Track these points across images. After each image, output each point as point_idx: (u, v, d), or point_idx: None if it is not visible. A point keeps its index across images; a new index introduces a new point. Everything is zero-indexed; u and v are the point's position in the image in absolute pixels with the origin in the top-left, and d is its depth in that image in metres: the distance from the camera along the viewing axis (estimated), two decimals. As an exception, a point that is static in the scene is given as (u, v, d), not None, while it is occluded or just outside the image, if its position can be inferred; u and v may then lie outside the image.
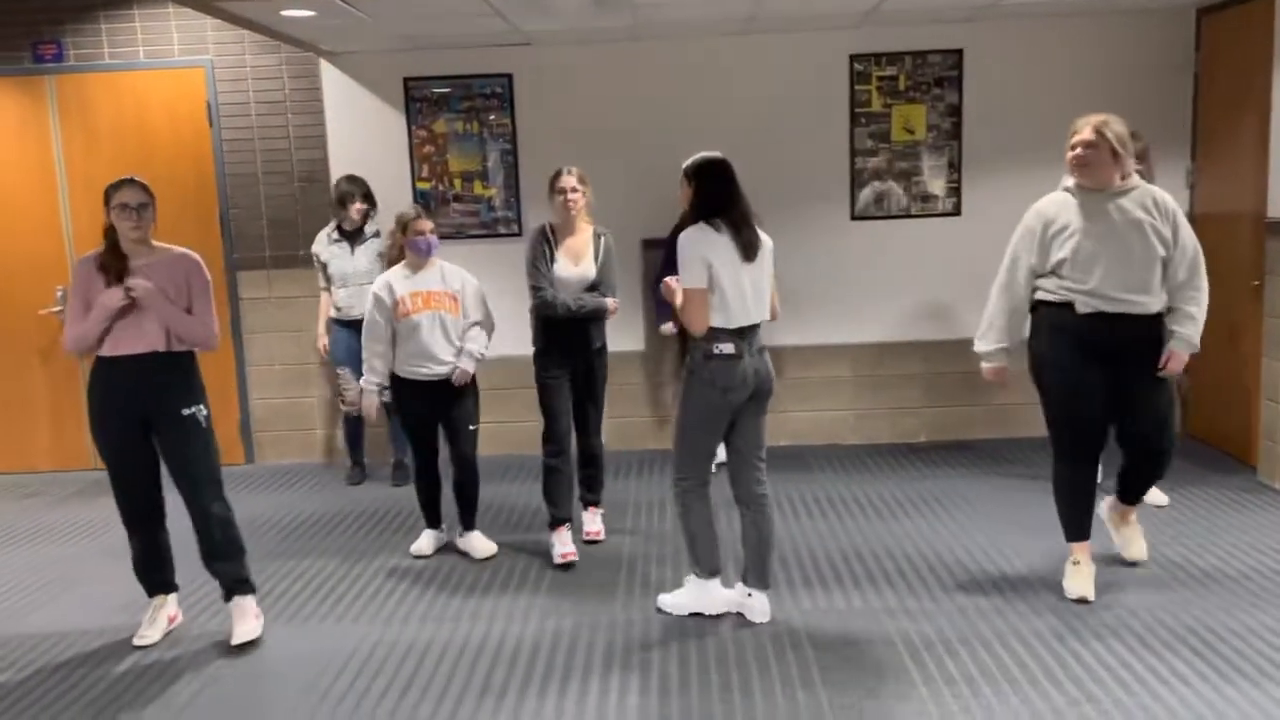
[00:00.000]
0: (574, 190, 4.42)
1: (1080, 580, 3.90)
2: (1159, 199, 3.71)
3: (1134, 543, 4.20)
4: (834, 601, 3.97)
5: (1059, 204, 3.78)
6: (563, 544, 4.53)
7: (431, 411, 4.53)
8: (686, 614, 3.87)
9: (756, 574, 3.82)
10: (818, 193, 6.20)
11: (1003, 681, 3.27)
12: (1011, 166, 6.15)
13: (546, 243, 4.45)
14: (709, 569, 3.88)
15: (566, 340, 4.49)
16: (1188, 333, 3.73)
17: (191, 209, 6.19)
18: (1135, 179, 3.74)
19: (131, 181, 3.63)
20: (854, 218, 6.24)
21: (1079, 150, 3.67)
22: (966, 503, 5.12)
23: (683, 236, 3.63)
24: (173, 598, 3.96)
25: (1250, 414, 5.41)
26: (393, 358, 4.48)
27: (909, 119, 6.15)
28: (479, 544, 4.65)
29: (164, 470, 3.77)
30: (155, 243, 3.72)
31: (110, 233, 3.65)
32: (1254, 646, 3.44)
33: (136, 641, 3.82)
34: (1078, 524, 3.94)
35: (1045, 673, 3.31)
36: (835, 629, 3.72)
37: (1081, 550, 3.94)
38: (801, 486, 5.50)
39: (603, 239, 4.52)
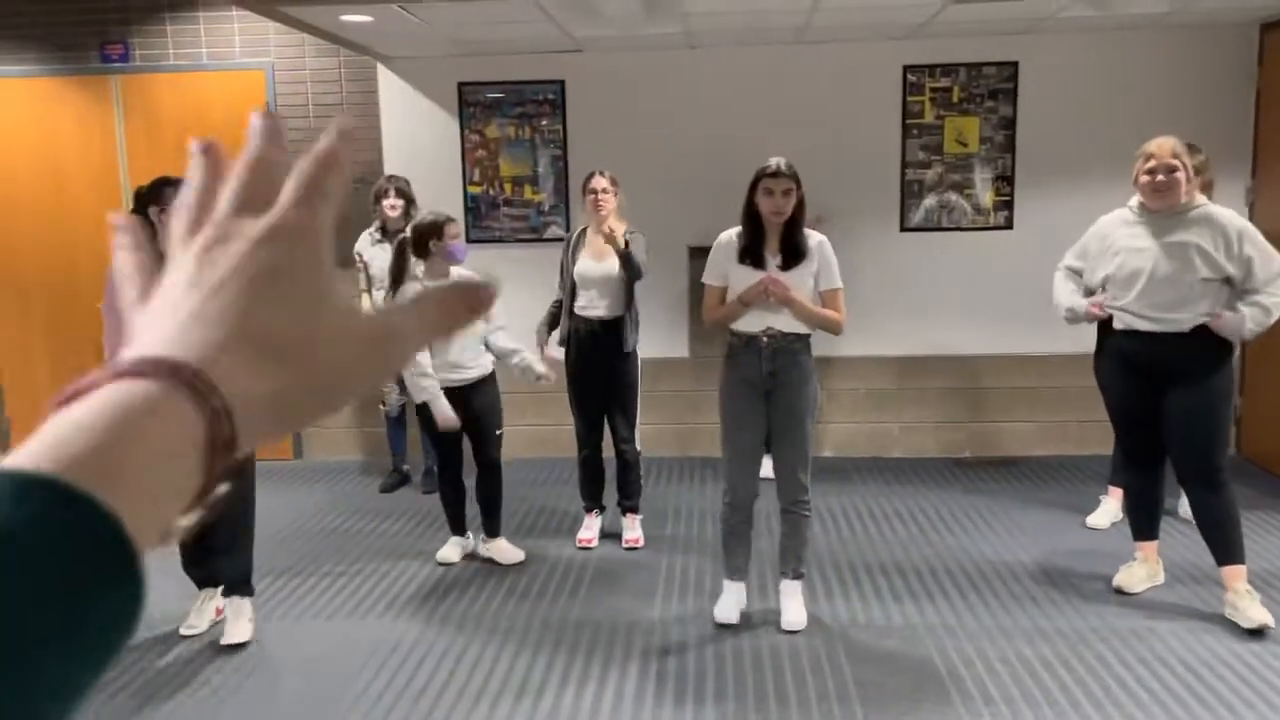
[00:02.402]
0: (604, 191, 4.59)
1: (1129, 574, 4.09)
2: (1218, 222, 3.68)
3: (1246, 609, 3.71)
4: (873, 616, 3.95)
5: (1116, 222, 3.90)
6: (584, 529, 4.85)
7: (458, 418, 4.44)
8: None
9: (792, 566, 3.91)
10: (868, 204, 6.17)
11: (1044, 704, 3.23)
12: (1066, 180, 6.08)
13: (569, 247, 4.74)
14: None
15: (582, 343, 4.67)
16: (1250, 310, 3.63)
17: (248, 208, 6.31)
18: (1199, 198, 3.76)
19: (180, 181, 3.66)
20: (904, 229, 6.20)
21: (1161, 177, 3.68)
22: (1012, 521, 5.06)
23: (825, 241, 3.78)
24: (220, 591, 4.03)
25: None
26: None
27: (962, 131, 6.10)
28: (505, 551, 4.61)
29: None
30: None
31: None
32: (1304, 677, 3.37)
33: (184, 630, 3.90)
34: (1139, 525, 4.12)
35: (1087, 696, 3.27)
36: (873, 644, 3.70)
37: (1143, 549, 4.12)
38: (843, 498, 5.47)
39: (631, 234, 4.57)
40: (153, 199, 3.62)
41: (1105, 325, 3.97)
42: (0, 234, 6.46)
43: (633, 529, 4.83)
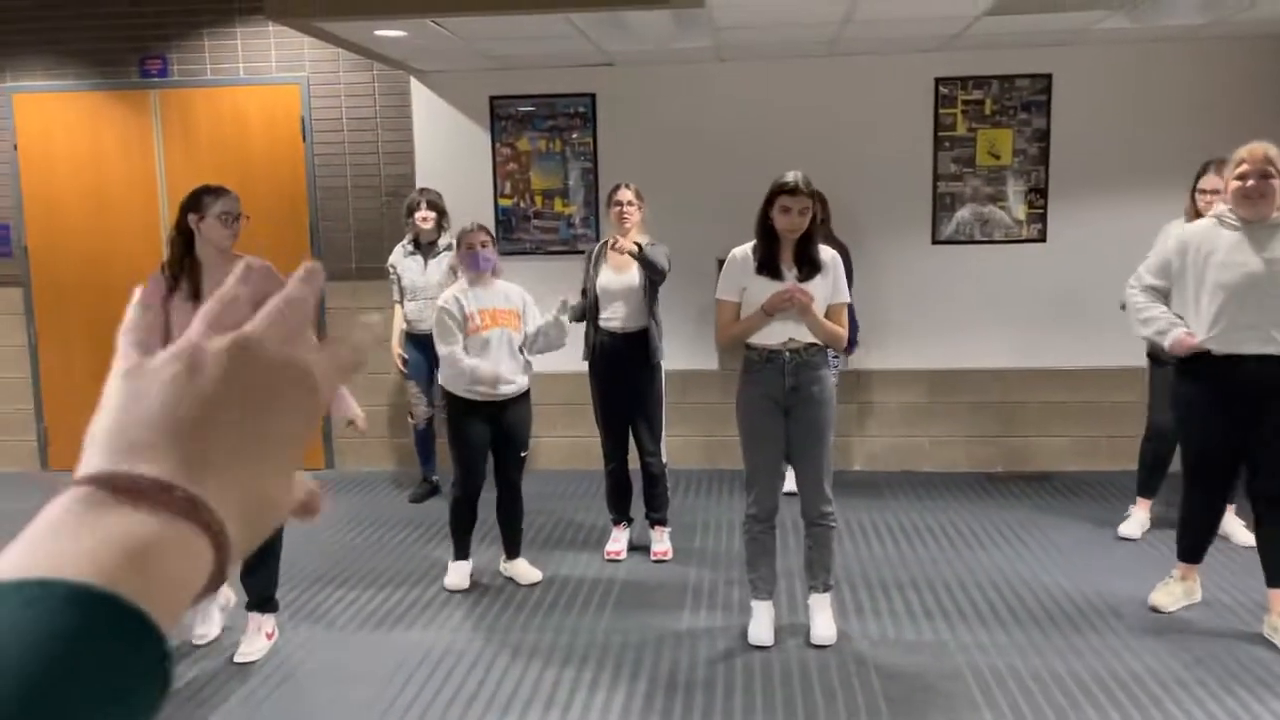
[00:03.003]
0: (630, 204, 4.62)
1: (1166, 592, 3.99)
2: None
3: None
4: (903, 631, 3.92)
5: (1201, 234, 3.65)
6: (612, 541, 4.86)
7: (488, 434, 4.39)
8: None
9: (821, 579, 3.90)
10: (899, 216, 6.15)
11: (1076, 722, 3.19)
12: (1100, 193, 6.03)
13: (590, 259, 4.76)
14: None
15: (607, 355, 4.67)
16: None
17: (284, 220, 6.39)
18: None
19: (229, 190, 3.67)
20: (935, 242, 6.17)
21: (1253, 182, 3.49)
22: (1045, 536, 5.00)
23: (838, 256, 3.77)
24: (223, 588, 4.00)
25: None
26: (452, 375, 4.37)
27: (994, 143, 6.07)
28: (525, 570, 4.56)
29: None
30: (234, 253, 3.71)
31: (183, 239, 3.60)
32: (1346, 699, 3.31)
33: (195, 640, 3.91)
34: (1190, 546, 3.98)
35: (1121, 715, 3.22)
36: (903, 660, 3.67)
37: (1184, 570, 4.00)
38: (873, 512, 5.44)
39: (651, 244, 4.57)
40: (192, 207, 3.65)
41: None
42: (43, 246, 6.59)
43: (661, 541, 4.82)
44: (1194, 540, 3.96)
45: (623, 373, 4.67)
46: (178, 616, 0.44)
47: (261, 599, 3.88)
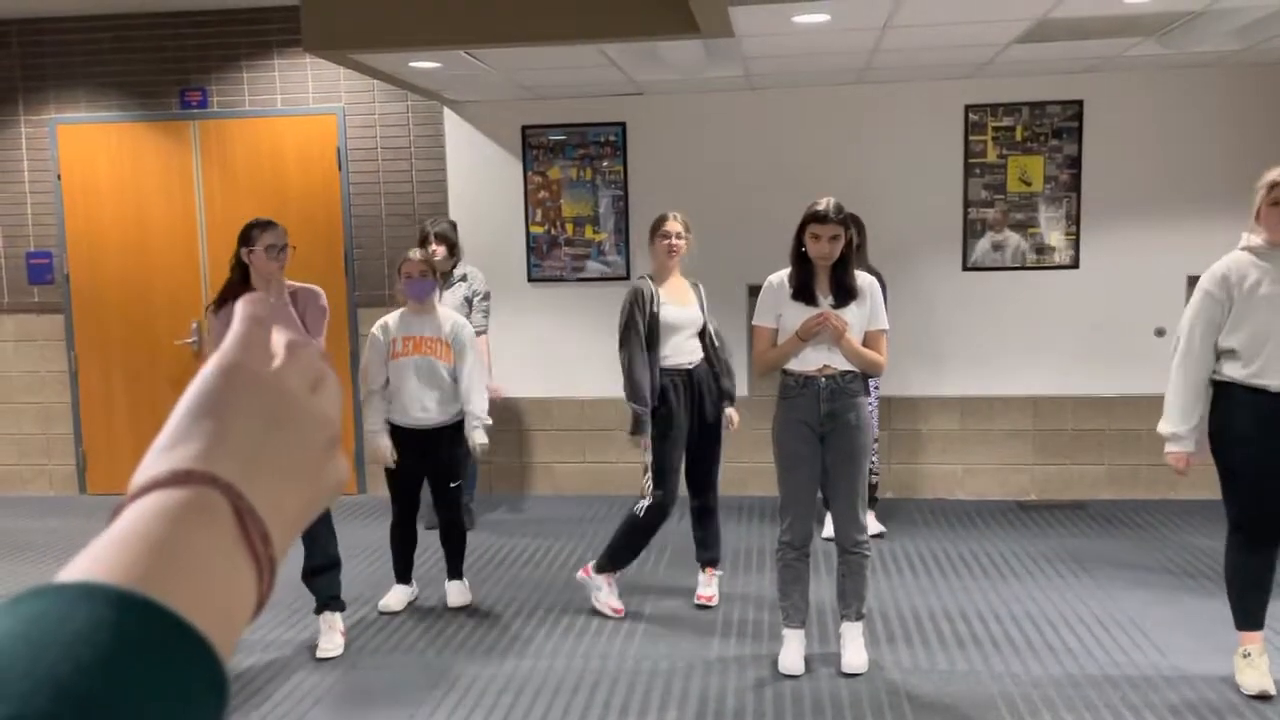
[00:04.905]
0: (679, 237, 4.33)
1: (1256, 673, 3.52)
2: None
3: None
4: (935, 661, 3.88)
5: (1238, 265, 3.45)
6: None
7: (417, 462, 4.40)
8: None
9: (854, 607, 3.88)
10: (930, 243, 6.14)
11: (1112, 755, 3.13)
12: (1133, 220, 5.98)
13: (645, 302, 4.25)
14: None
15: (679, 395, 4.32)
16: None
17: (319, 248, 6.48)
18: None
19: (276, 224, 3.86)
20: (966, 268, 6.14)
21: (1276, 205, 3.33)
22: (1079, 565, 4.94)
23: (875, 282, 3.77)
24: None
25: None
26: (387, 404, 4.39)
27: (1025, 170, 6.05)
28: (455, 593, 4.58)
29: None
30: (285, 280, 3.91)
31: (241, 267, 3.86)
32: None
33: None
34: (1251, 612, 3.56)
35: (1159, 749, 3.17)
36: (936, 689, 3.63)
37: (1252, 640, 3.56)
38: (905, 541, 5.39)
39: (700, 288, 4.49)
40: (243, 241, 3.86)
41: (1227, 382, 3.48)
42: (84, 274, 6.71)
43: (709, 585, 4.51)
44: (1256, 600, 3.55)
45: (699, 410, 4.37)
46: (231, 632, 0.44)
47: (332, 598, 4.12)
